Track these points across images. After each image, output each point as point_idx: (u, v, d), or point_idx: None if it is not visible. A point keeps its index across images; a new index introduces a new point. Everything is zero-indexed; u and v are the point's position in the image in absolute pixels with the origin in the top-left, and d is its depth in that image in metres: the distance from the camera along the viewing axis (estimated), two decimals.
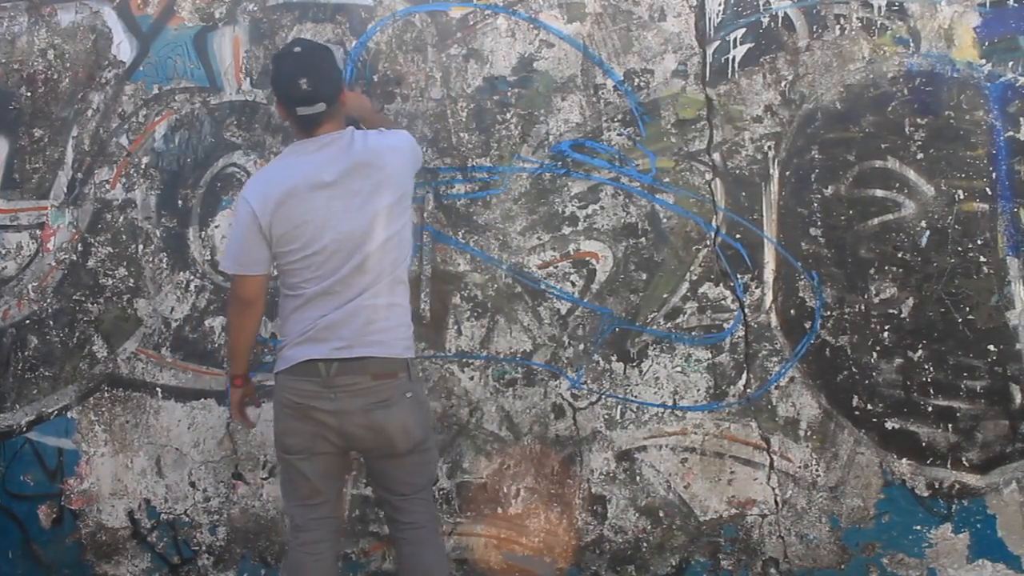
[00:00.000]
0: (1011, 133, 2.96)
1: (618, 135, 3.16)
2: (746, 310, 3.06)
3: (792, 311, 3.04)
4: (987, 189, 2.96)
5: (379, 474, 2.64)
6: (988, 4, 2.99)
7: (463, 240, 3.24)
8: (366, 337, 2.49)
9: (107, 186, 3.47)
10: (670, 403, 3.10)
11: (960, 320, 2.95)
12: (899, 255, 2.99)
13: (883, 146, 3.01)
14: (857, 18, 3.05)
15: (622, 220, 3.15)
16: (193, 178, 3.42)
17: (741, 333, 3.06)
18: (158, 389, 3.40)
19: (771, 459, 3.04)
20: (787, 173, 3.05)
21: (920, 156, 2.99)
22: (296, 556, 2.61)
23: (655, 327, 3.12)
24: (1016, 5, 2.97)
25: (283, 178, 2.54)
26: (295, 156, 2.60)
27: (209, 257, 3.40)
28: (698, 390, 3.08)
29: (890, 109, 3.02)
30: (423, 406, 2.72)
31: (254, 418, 2.86)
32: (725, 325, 3.08)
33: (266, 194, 2.53)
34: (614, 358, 3.14)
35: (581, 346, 3.17)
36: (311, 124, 2.56)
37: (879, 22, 3.04)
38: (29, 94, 3.53)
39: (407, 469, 2.59)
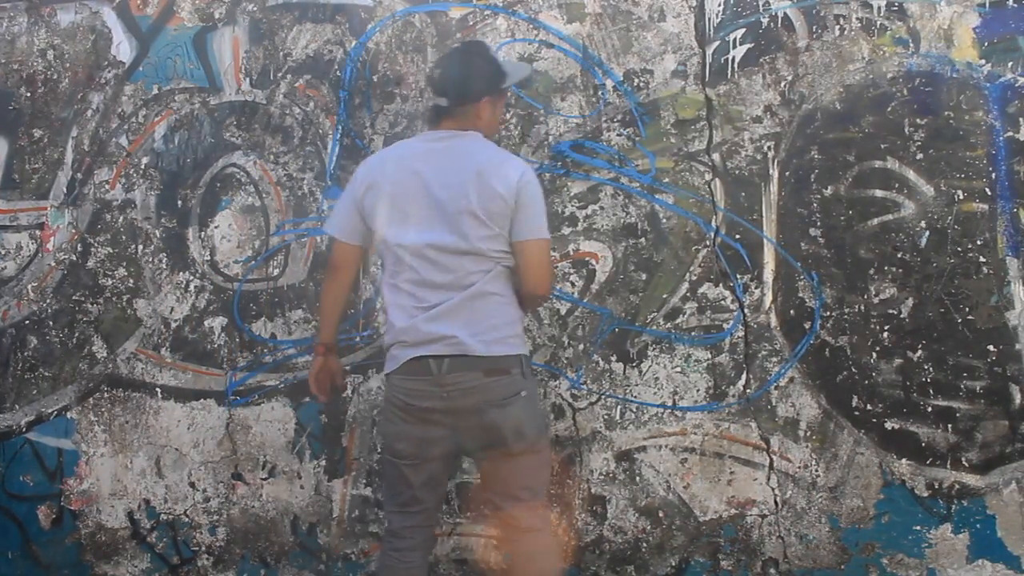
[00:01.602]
0: (1010, 133, 2.96)
1: (618, 135, 3.16)
2: (746, 310, 3.06)
3: (792, 311, 3.04)
4: (987, 189, 2.96)
5: (491, 476, 2.53)
6: (988, 4, 2.99)
7: None
8: (476, 335, 2.40)
9: (107, 186, 3.47)
10: (670, 403, 3.10)
11: (960, 320, 2.95)
12: (899, 255, 2.99)
13: (883, 146, 3.01)
14: (857, 18, 3.05)
15: (622, 220, 3.15)
16: (193, 178, 3.42)
17: (741, 333, 3.06)
18: (158, 389, 3.40)
19: (771, 459, 3.04)
20: (787, 173, 3.05)
21: (920, 156, 2.99)
22: (388, 561, 2.55)
23: (655, 327, 3.12)
24: (1015, 5, 2.97)
25: (394, 155, 2.55)
26: (411, 141, 2.62)
27: (209, 257, 3.40)
28: (698, 390, 3.08)
29: (890, 109, 3.02)
30: (537, 405, 2.58)
31: (329, 393, 2.78)
32: (725, 325, 3.08)
33: (374, 165, 2.55)
34: (614, 358, 3.14)
35: (581, 346, 3.17)
36: (435, 115, 2.55)
37: (879, 22, 3.04)
38: (29, 94, 3.53)
39: (520, 471, 2.48)
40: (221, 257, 3.39)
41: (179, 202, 3.43)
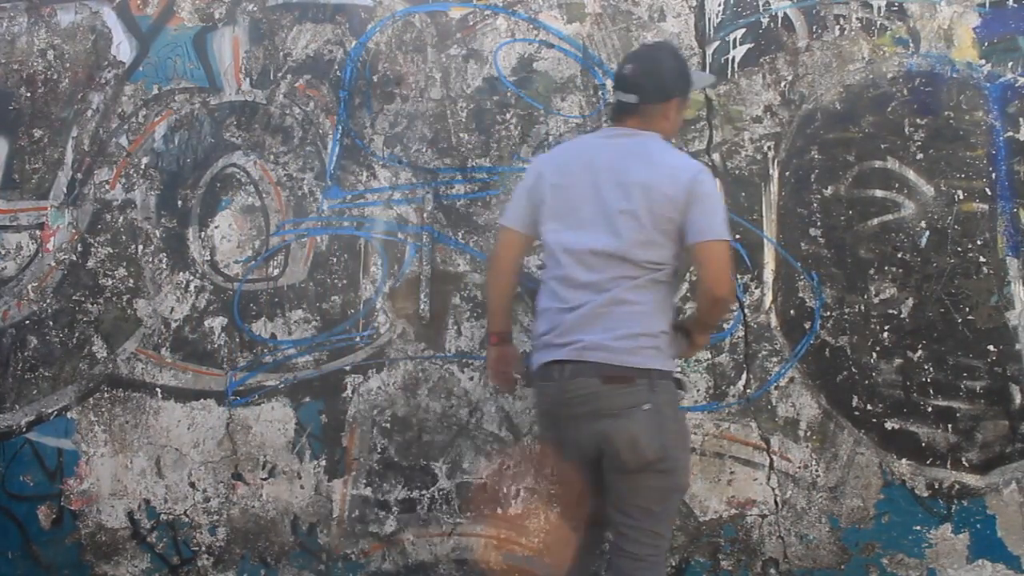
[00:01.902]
0: (1011, 133, 2.96)
1: None
2: (746, 310, 3.06)
3: (792, 311, 3.04)
4: (987, 189, 2.96)
5: (608, 488, 2.36)
6: (987, 4, 2.99)
7: (463, 240, 3.24)
8: (602, 341, 2.26)
9: (107, 186, 3.47)
10: None
11: (960, 320, 2.95)
12: (899, 255, 2.99)
13: (883, 146, 3.01)
14: (857, 18, 3.05)
15: None
16: (193, 178, 3.42)
17: (741, 333, 3.06)
18: (158, 389, 3.40)
19: (771, 459, 3.03)
20: (787, 173, 3.05)
21: (920, 156, 2.99)
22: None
23: None
24: (1015, 5, 2.97)
25: (571, 149, 2.52)
26: (587, 137, 2.59)
27: (209, 257, 3.40)
28: (698, 390, 3.08)
29: (890, 109, 3.02)
30: (668, 423, 2.32)
31: (512, 383, 2.71)
32: (725, 325, 3.08)
33: (549, 158, 2.52)
34: None
35: None
36: (619, 112, 2.43)
37: (879, 22, 3.04)
38: (29, 94, 3.53)
39: (636, 490, 2.30)
40: (221, 257, 3.39)
41: (179, 202, 3.43)
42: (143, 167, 3.45)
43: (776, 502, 3.03)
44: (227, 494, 3.36)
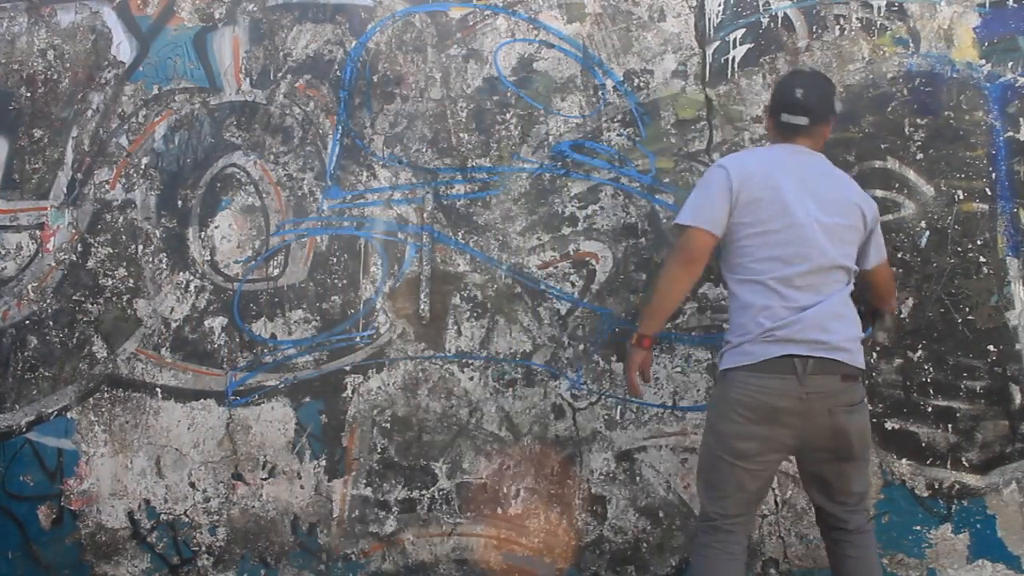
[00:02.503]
0: (1011, 133, 2.96)
1: (618, 135, 3.16)
2: None
3: None
4: (987, 189, 2.96)
5: (827, 480, 2.51)
6: (987, 4, 2.99)
7: (463, 240, 3.24)
8: (841, 342, 2.41)
9: (107, 186, 3.47)
10: (670, 403, 3.10)
11: (960, 320, 2.95)
12: (899, 255, 2.99)
13: (883, 146, 3.01)
14: (857, 18, 3.05)
15: (622, 220, 3.15)
16: (193, 178, 3.42)
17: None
18: (158, 389, 3.40)
19: None
20: None
21: (920, 156, 2.99)
22: (711, 554, 2.48)
23: None
24: (1015, 5, 2.97)
25: (759, 159, 2.58)
26: (771, 149, 2.62)
27: (209, 257, 3.40)
28: (698, 390, 3.08)
29: (890, 109, 3.02)
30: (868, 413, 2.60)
31: (643, 388, 2.71)
32: (725, 325, 3.07)
33: (743, 163, 2.54)
34: (614, 358, 3.14)
35: (581, 346, 3.17)
36: (790, 133, 2.56)
37: (879, 22, 3.04)
38: (29, 94, 3.54)
39: (855, 475, 2.51)
40: (221, 257, 3.39)
41: (179, 202, 3.43)
42: (143, 167, 3.45)
43: (776, 502, 3.03)
44: (227, 494, 3.36)
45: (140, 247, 3.44)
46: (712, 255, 2.55)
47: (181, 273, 3.41)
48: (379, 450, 3.25)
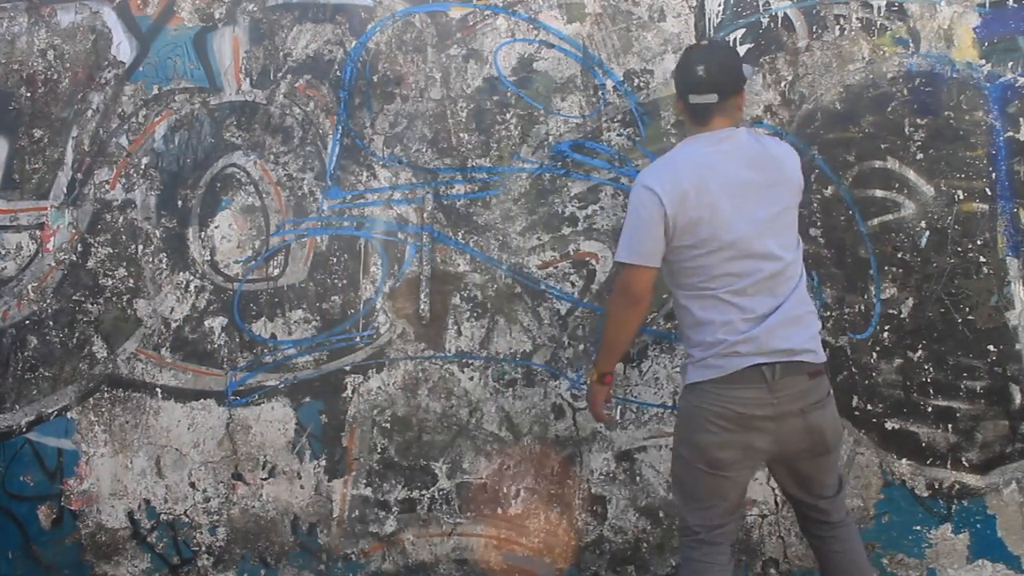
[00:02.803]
0: (1011, 133, 2.96)
1: (618, 135, 3.16)
2: None
3: None
4: (987, 189, 2.96)
5: (804, 478, 2.52)
6: (987, 4, 2.99)
7: (463, 240, 3.24)
8: (804, 344, 2.42)
9: (107, 186, 3.47)
10: (670, 403, 3.10)
11: (960, 320, 2.95)
12: (899, 255, 2.99)
13: (883, 146, 3.01)
14: (857, 18, 3.05)
15: (622, 220, 3.15)
16: (193, 178, 3.42)
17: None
18: (158, 389, 3.40)
19: None
20: None
21: (920, 156, 2.99)
22: (697, 567, 2.48)
23: (655, 327, 3.12)
24: (1015, 5, 2.98)
25: (687, 169, 2.45)
26: (693, 147, 2.51)
27: (209, 257, 3.40)
28: None
29: (890, 109, 3.02)
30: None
31: (612, 417, 2.71)
32: None
33: (673, 181, 2.43)
34: None
35: (581, 346, 3.17)
36: (703, 114, 2.48)
37: (879, 22, 3.04)
38: (29, 94, 3.53)
39: (830, 468, 2.53)
40: (221, 257, 3.39)
41: (179, 202, 3.43)
42: (143, 167, 3.45)
43: (776, 502, 3.03)
44: (227, 494, 3.36)
45: (140, 247, 3.44)
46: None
47: (181, 273, 3.41)
48: (379, 450, 3.25)
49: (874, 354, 2.99)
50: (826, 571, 2.59)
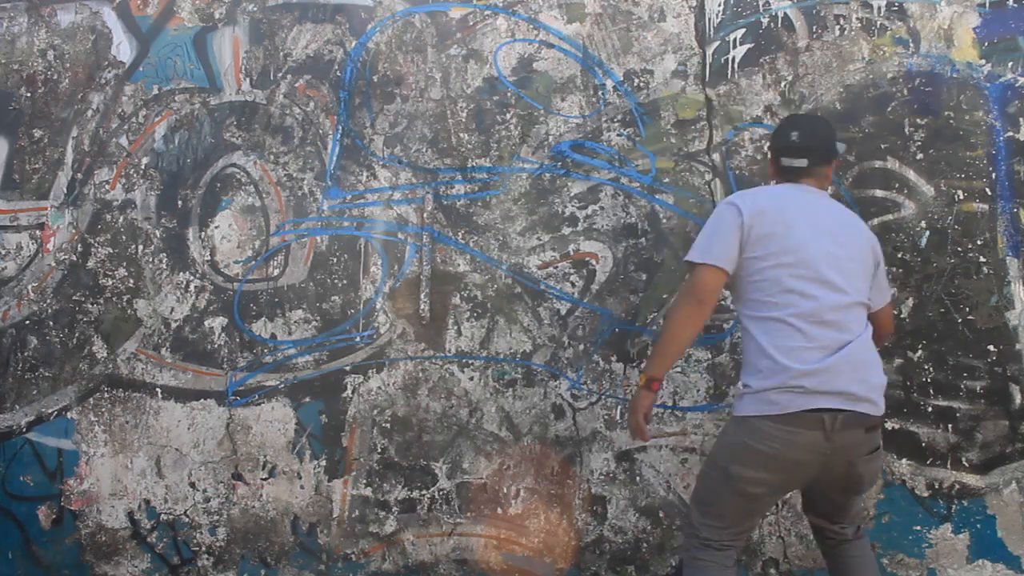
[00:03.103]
0: (1011, 133, 2.96)
1: (618, 135, 3.16)
2: None
3: None
4: (987, 189, 2.96)
5: (829, 507, 2.51)
6: (988, 4, 2.99)
7: (463, 240, 3.24)
8: (868, 393, 2.33)
9: (107, 187, 3.47)
10: (670, 403, 3.10)
11: (960, 320, 2.95)
12: (899, 255, 2.99)
13: (883, 146, 3.01)
14: (857, 18, 3.05)
15: (622, 220, 3.15)
16: (193, 179, 3.42)
17: (741, 333, 3.05)
18: (158, 390, 3.40)
19: None
20: None
21: (920, 156, 2.99)
22: (702, 564, 2.45)
23: (655, 327, 3.12)
24: (1015, 5, 2.98)
25: (770, 195, 2.51)
26: (781, 188, 2.56)
27: (209, 257, 3.40)
28: (698, 390, 3.08)
29: (890, 109, 3.02)
30: None
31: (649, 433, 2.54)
32: (725, 325, 3.08)
33: (754, 199, 2.47)
34: (614, 358, 3.14)
35: (581, 346, 3.17)
36: (792, 176, 2.54)
37: (879, 22, 3.04)
38: (29, 94, 3.53)
39: (857, 501, 2.53)
40: (221, 257, 3.39)
41: (179, 202, 3.43)
42: (143, 167, 3.45)
43: (777, 502, 3.03)
44: (227, 494, 3.36)
45: (140, 247, 3.44)
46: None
47: (181, 273, 3.41)
48: (379, 450, 3.25)
49: None
50: (836, 572, 2.58)
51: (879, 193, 3.01)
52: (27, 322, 3.50)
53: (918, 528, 2.96)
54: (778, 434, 2.30)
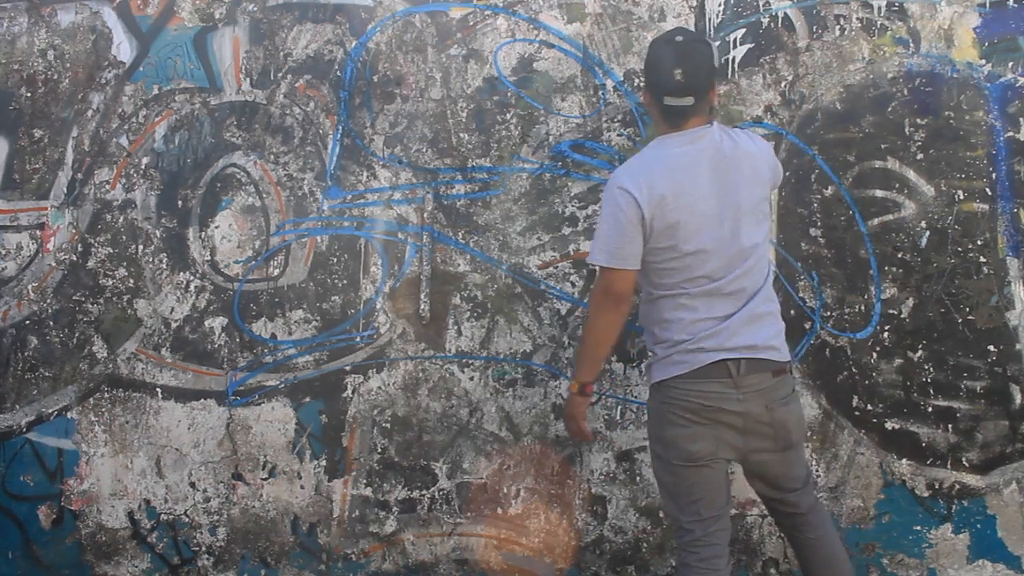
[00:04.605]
0: (1011, 133, 2.96)
1: (618, 135, 3.16)
2: None
3: (792, 311, 3.04)
4: (987, 189, 2.96)
5: (771, 473, 2.55)
6: (988, 4, 2.99)
7: (463, 240, 3.24)
8: (767, 341, 2.46)
9: (107, 186, 3.47)
10: None
11: (960, 320, 2.95)
12: (899, 255, 2.99)
13: (883, 146, 3.01)
14: (857, 18, 3.05)
15: None
16: (193, 178, 3.42)
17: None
18: (158, 389, 3.40)
19: None
20: (787, 173, 3.05)
21: (920, 156, 2.99)
22: (696, 573, 2.47)
23: None
24: (1016, 5, 2.98)
25: (662, 174, 2.43)
26: (666, 150, 2.47)
27: (209, 257, 3.40)
28: None
29: (890, 109, 3.02)
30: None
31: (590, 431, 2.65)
32: None
33: (649, 183, 2.41)
34: (614, 358, 3.14)
35: None
36: (677, 117, 2.44)
37: (879, 22, 3.04)
38: (29, 94, 3.53)
39: (796, 462, 2.56)
40: (221, 257, 3.39)
41: (179, 202, 3.43)
42: (143, 167, 3.45)
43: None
44: (227, 494, 3.36)
45: (140, 247, 3.44)
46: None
47: (181, 273, 3.41)
48: (379, 450, 3.25)
49: (874, 354, 2.99)
50: (803, 559, 2.60)
51: (879, 193, 3.01)
52: (27, 322, 3.50)
53: (918, 528, 2.96)
54: (691, 387, 2.43)
